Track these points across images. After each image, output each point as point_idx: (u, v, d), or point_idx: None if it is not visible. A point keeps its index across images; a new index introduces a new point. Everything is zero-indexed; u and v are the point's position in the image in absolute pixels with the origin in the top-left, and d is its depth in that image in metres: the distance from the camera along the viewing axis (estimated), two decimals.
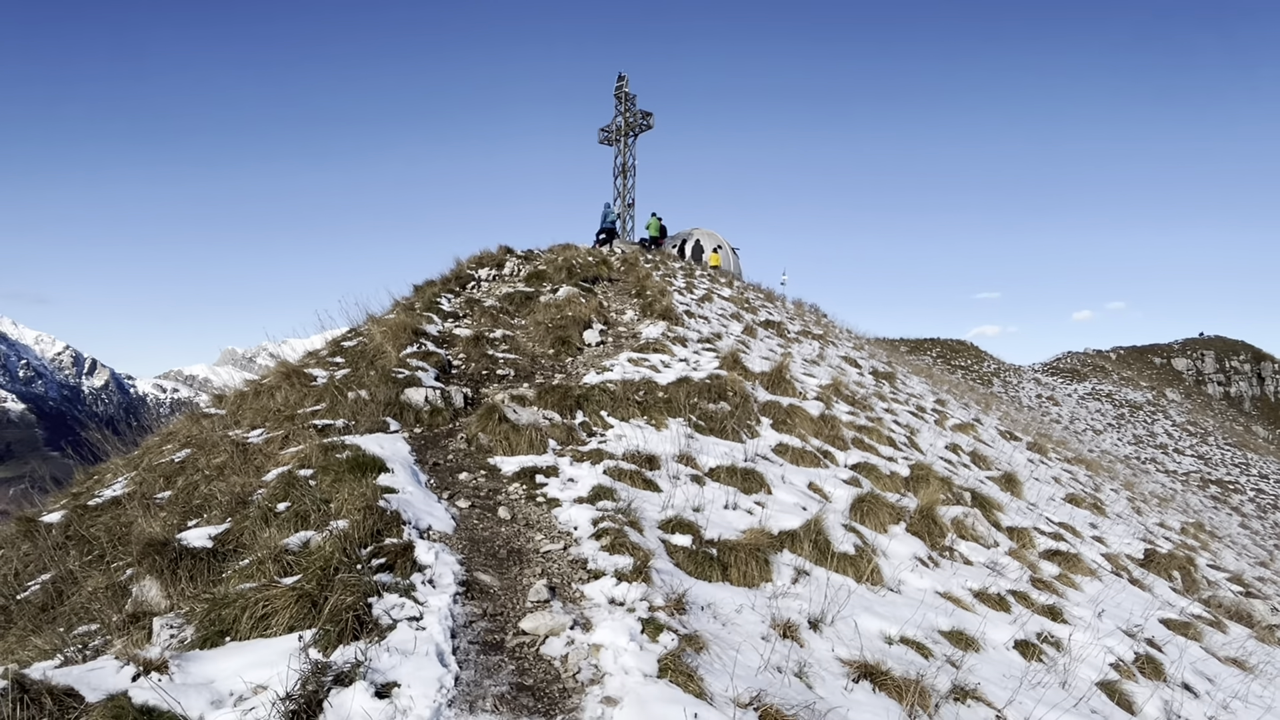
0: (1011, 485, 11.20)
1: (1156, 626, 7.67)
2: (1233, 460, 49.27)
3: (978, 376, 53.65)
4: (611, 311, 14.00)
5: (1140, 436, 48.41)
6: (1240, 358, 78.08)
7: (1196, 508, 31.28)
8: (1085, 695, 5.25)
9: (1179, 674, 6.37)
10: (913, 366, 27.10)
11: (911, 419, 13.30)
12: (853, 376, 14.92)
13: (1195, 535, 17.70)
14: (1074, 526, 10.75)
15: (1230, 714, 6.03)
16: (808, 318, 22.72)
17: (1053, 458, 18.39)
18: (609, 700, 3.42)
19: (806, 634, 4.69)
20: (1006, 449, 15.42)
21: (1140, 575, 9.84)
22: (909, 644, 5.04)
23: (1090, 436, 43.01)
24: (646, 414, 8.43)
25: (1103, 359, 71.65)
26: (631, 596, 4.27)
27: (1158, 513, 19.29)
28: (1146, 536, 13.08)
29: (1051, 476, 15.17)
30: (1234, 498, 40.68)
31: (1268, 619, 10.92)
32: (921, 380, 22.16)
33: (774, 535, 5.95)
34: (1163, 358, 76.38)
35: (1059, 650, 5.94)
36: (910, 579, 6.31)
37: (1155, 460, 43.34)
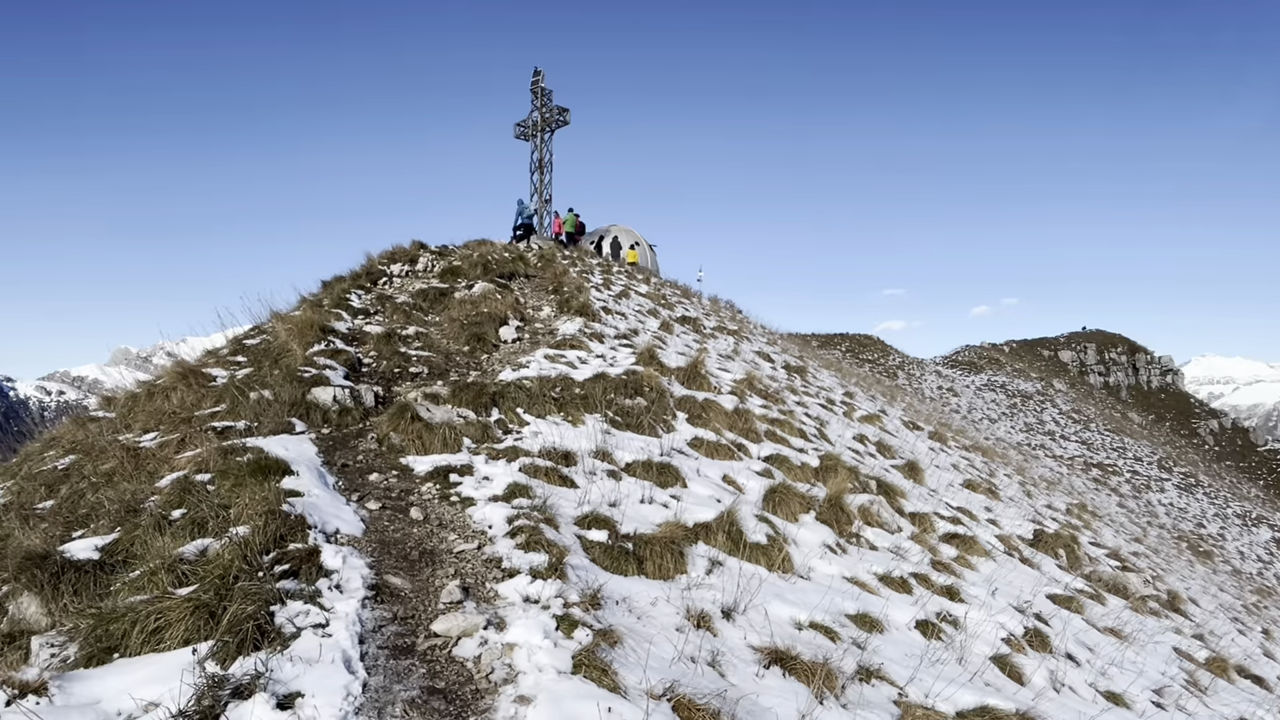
0: (914, 473, 11.68)
1: (1044, 602, 8.15)
2: (1111, 445, 52.94)
3: (884, 370, 55.76)
4: (528, 308, 13.86)
5: (1031, 424, 51.36)
6: (1118, 350, 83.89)
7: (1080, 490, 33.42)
8: (980, 669, 5.52)
9: (1063, 645, 6.79)
10: (823, 361, 27.92)
11: (822, 411, 13.69)
12: (766, 371, 15.25)
13: (1079, 515, 18.91)
14: (971, 510, 11.31)
15: (1108, 680, 6.47)
16: (723, 314, 23.08)
17: (952, 446, 19.29)
18: (522, 699, 3.38)
19: (720, 623, 4.77)
20: (910, 438, 16.08)
21: (1030, 554, 10.43)
22: (818, 629, 5.19)
23: (986, 425, 45.34)
24: (563, 410, 8.38)
25: (997, 352, 75.67)
26: (546, 594, 4.23)
27: (1046, 495, 20.52)
28: (1036, 518, 13.89)
29: (951, 464, 15.92)
30: (1112, 479, 43.72)
31: (1141, 591, 11.78)
32: (831, 374, 22.86)
33: (689, 528, 6.02)
34: (1050, 350, 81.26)
35: (956, 628, 6.23)
36: (819, 566, 6.49)
37: (1044, 446, 46.08)
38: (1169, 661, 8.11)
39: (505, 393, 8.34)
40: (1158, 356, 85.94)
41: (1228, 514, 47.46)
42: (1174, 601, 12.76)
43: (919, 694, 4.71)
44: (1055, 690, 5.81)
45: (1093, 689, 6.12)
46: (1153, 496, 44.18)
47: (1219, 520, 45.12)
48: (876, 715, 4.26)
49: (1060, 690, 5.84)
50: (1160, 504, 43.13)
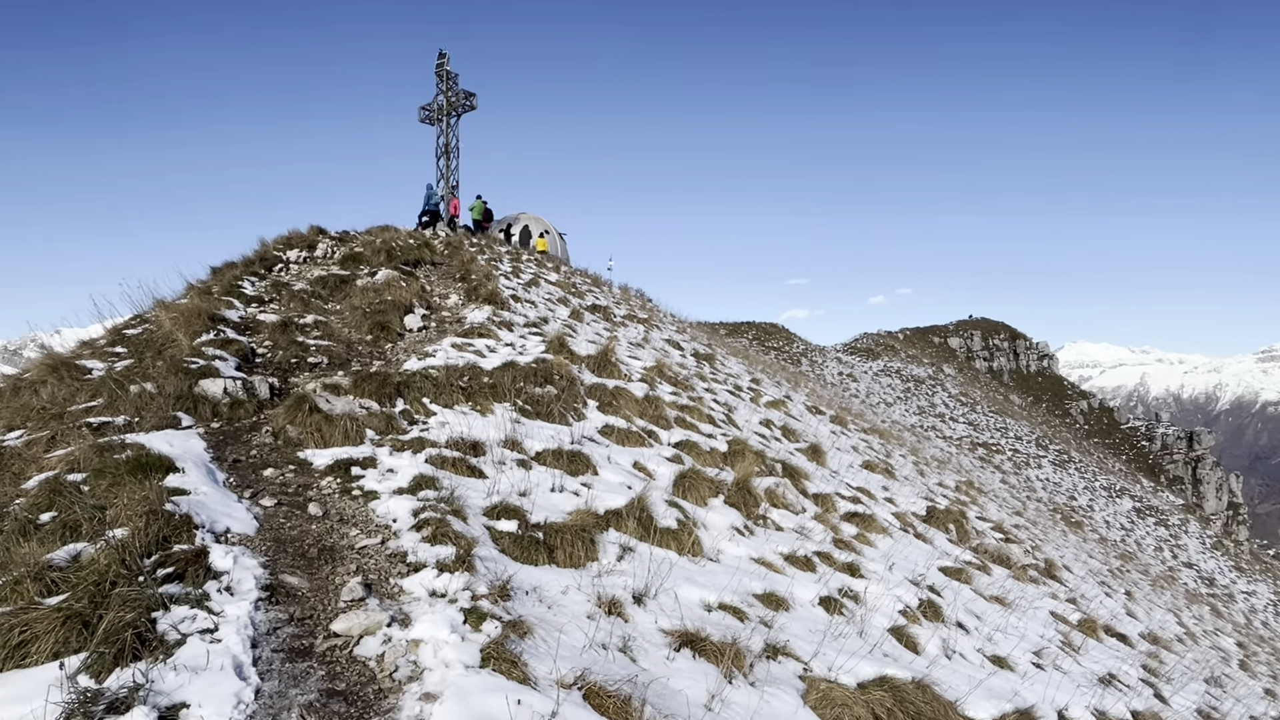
0: (817, 455, 12.05)
1: (936, 574, 8.56)
2: (995, 425, 56.29)
3: (788, 357, 57.36)
4: (435, 296, 13.46)
5: (923, 407, 54.00)
6: (1000, 336, 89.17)
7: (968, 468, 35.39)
8: (879, 641, 5.74)
9: (954, 614, 7.14)
10: (731, 348, 28.43)
11: (730, 397, 13.92)
12: (676, 358, 15.37)
13: (967, 492, 20.01)
14: (870, 490, 11.76)
15: (994, 645, 6.86)
16: (634, 302, 23.12)
17: (852, 429, 20.02)
18: (428, 696, 3.26)
19: (631, 609, 4.75)
20: (813, 422, 16.58)
21: (924, 530, 10.94)
22: (727, 609, 5.25)
23: (883, 409, 47.36)
24: (471, 400, 8.18)
25: (893, 339, 79.10)
26: (454, 587, 4.10)
27: (937, 474, 21.60)
28: (928, 495, 14.59)
29: (851, 446, 16.52)
30: (996, 457, 46.52)
31: (1022, 560, 12.56)
32: (739, 361, 23.30)
33: (600, 515, 5.98)
34: (941, 338, 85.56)
35: (857, 603, 6.45)
36: (728, 548, 6.59)
37: (935, 428, 48.53)
38: (1046, 625, 8.68)
39: (410, 382, 8.07)
40: (1035, 343, 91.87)
41: (1096, 487, 51.35)
42: (1050, 569, 13.68)
43: (823, 668, 4.84)
44: (947, 657, 6.09)
45: (980, 654, 6.46)
46: (1031, 473, 47.28)
47: (1088, 493, 48.76)
48: (783, 691, 4.35)
49: (952, 657, 6.13)
50: (1038, 479, 46.21)
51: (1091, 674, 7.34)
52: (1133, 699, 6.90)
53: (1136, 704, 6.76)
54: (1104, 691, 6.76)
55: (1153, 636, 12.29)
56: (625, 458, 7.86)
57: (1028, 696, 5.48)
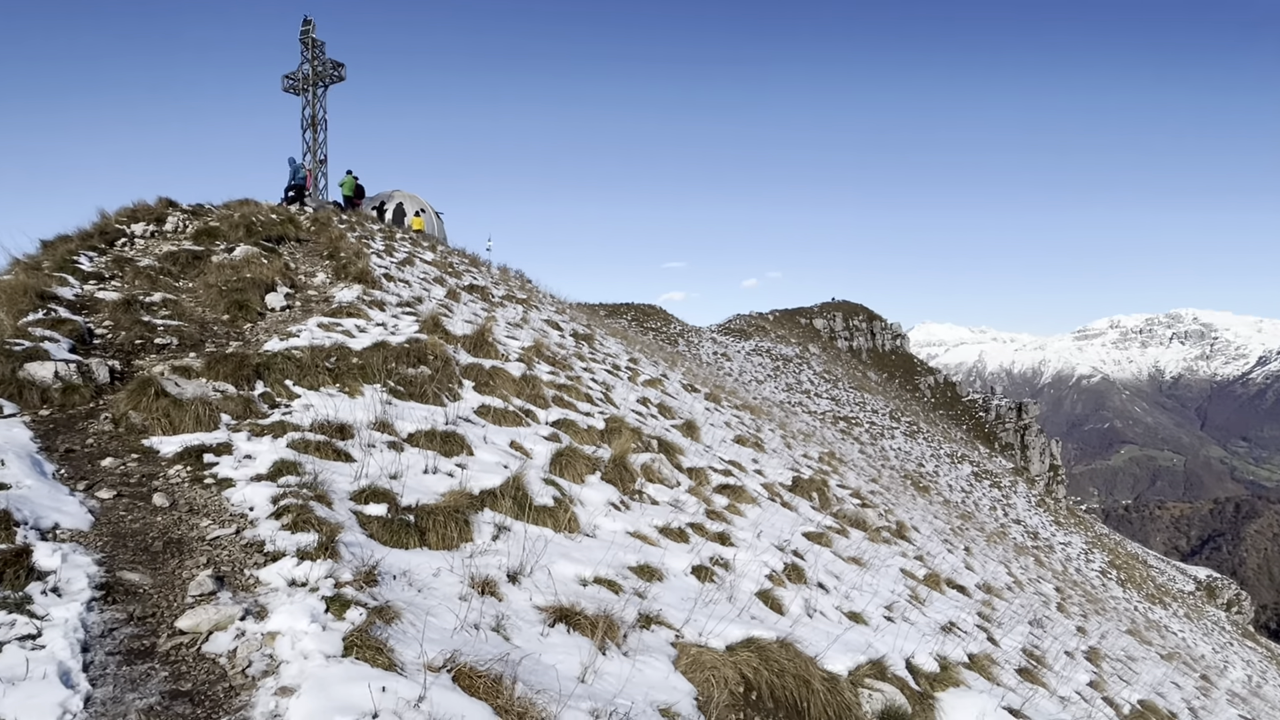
0: (691, 431, 12.30)
1: (800, 539, 8.96)
2: (854, 400, 59.67)
3: (665, 337, 58.30)
4: (300, 274, 12.64)
5: (790, 384, 56.44)
6: (860, 318, 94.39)
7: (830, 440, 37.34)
8: (747, 605, 5.92)
9: (815, 576, 7.50)
10: (610, 329, 28.53)
11: (608, 377, 13.94)
12: (554, 339, 15.22)
13: (829, 462, 21.10)
14: (740, 463, 12.14)
15: (850, 602, 7.25)
16: (512, 283, 22.70)
17: (725, 406, 20.61)
18: (285, 690, 3.05)
19: (505, 588, 4.66)
20: (688, 400, 16.92)
21: (790, 499, 11.43)
22: (602, 583, 5.25)
23: (754, 386, 49.12)
24: (339, 381, 7.74)
25: (763, 320, 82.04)
26: (315, 575, 3.86)
27: (802, 446, 22.64)
28: (794, 466, 15.26)
29: (724, 421, 17.00)
30: (855, 430, 49.36)
31: (876, 523, 13.39)
32: (617, 341, 23.41)
33: (475, 495, 5.82)
34: (807, 319, 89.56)
35: (727, 570, 6.63)
36: (604, 523, 6.59)
37: (802, 403, 50.87)
38: (897, 581, 9.29)
39: (272, 364, 7.53)
40: (890, 324, 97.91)
41: (940, 454, 55.56)
42: (901, 530, 14.67)
43: (694, 633, 4.94)
44: (809, 616, 6.39)
45: (839, 611, 6.82)
46: (886, 443, 50.52)
47: (934, 460, 52.69)
48: (655, 658, 4.39)
49: (813, 616, 6.43)
50: (891, 449, 49.44)
51: (935, 623, 7.92)
52: (969, 643, 7.50)
53: (973, 647, 7.36)
54: (945, 639, 7.31)
55: (987, 587, 13.46)
56: (502, 437, 7.69)
57: (880, 647, 5.83)
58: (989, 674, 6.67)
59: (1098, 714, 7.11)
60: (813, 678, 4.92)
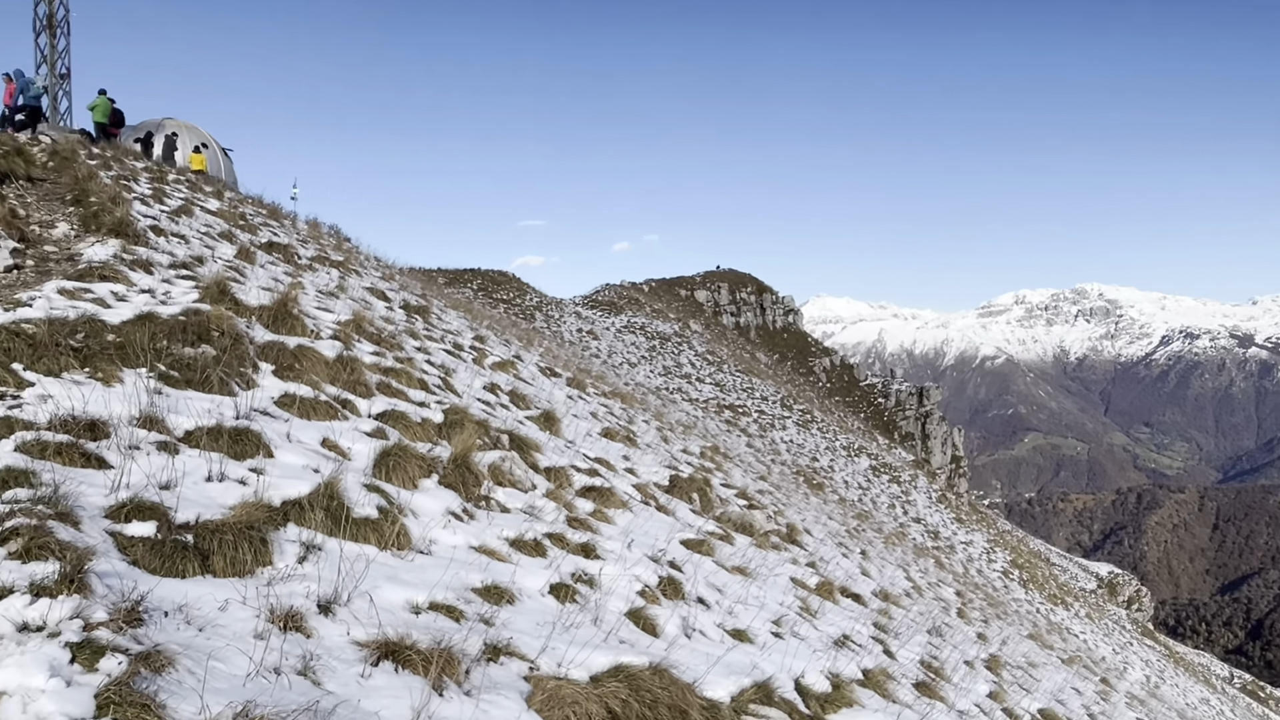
0: (550, 424, 12.32)
1: (678, 548, 9.23)
2: (742, 386, 61.84)
3: (520, 311, 57.91)
4: (33, 224, 11.52)
5: (669, 367, 57.68)
6: (748, 290, 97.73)
7: (714, 432, 38.61)
8: (615, 627, 6.04)
9: (695, 590, 7.75)
10: (451, 300, 28.00)
11: (448, 358, 13.70)
12: (380, 311, 14.76)
13: (712, 458, 21.80)
14: (609, 460, 12.32)
15: (734, 618, 7.56)
16: (326, 241, 21.75)
17: (591, 393, 20.79)
18: None
19: (316, 621, 4.50)
20: (547, 386, 16.94)
21: (666, 501, 11.72)
22: (439, 609, 5.19)
23: (626, 369, 49.81)
24: (89, 365, 7.14)
25: (637, 291, 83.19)
26: (56, 616, 3.56)
27: (682, 440, 23.27)
28: (672, 463, 15.66)
29: (590, 412, 17.16)
30: (742, 420, 51.23)
31: (765, 527, 14.01)
32: (460, 315, 23.02)
33: (276, 507, 5.57)
34: (688, 290, 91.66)
35: (592, 587, 6.73)
36: (443, 536, 6.51)
37: (681, 390, 52.14)
38: (786, 592, 9.77)
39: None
40: (782, 297, 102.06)
41: (836, 447, 58.72)
42: (792, 534, 15.43)
43: (551, 664, 4.98)
44: (687, 636, 6.60)
45: (721, 629, 7.09)
46: (776, 434, 52.76)
47: (829, 453, 55.62)
48: (505, 696, 4.40)
49: (692, 636, 6.65)
50: (782, 441, 51.71)
51: (828, 637, 8.41)
52: (864, 658, 8.02)
53: (867, 662, 7.88)
54: (838, 653, 7.78)
55: (884, 593, 14.42)
56: (312, 434, 7.40)
57: (766, 668, 6.11)
58: (885, 690, 7.17)
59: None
60: (690, 707, 5.10)
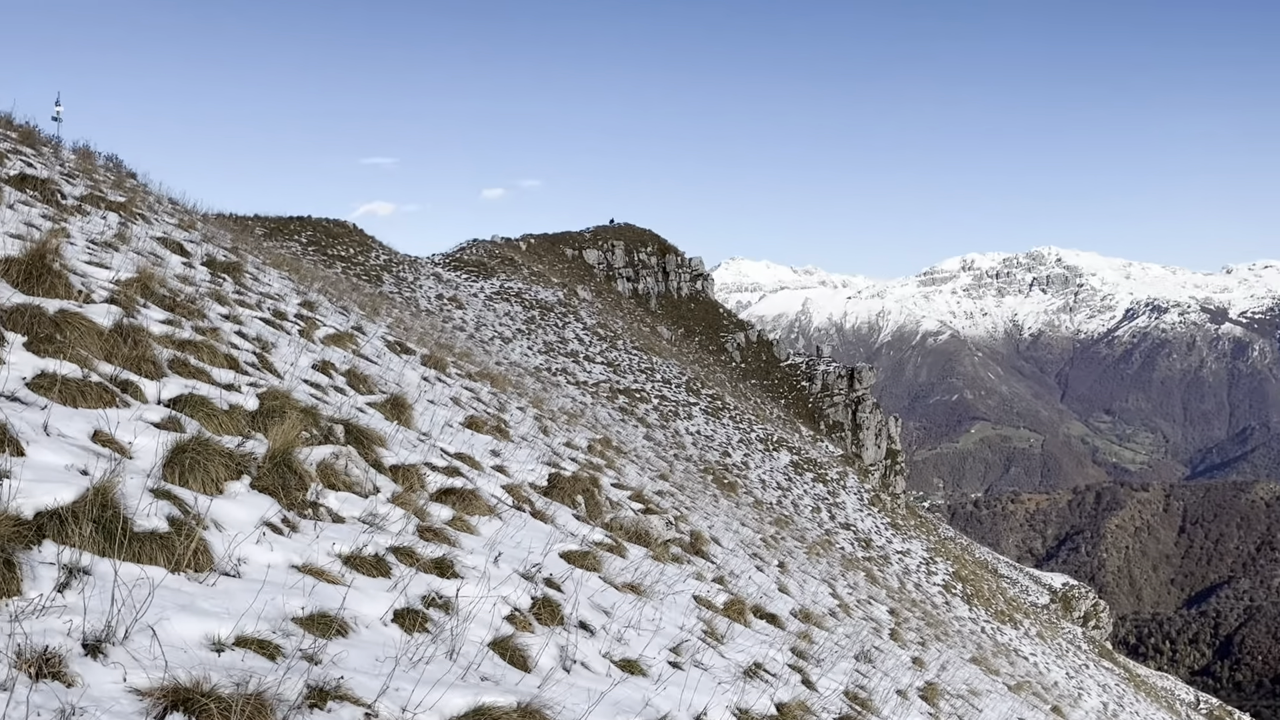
0: (400, 412, 12.09)
1: (557, 562, 9.23)
2: (640, 366, 62.29)
3: (364, 271, 56.69)
4: None
5: (551, 343, 57.56)
6: (647, 250, 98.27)
7: (605, 422, 38.80)
8: (476, 661, 5.99)
9: (576, 613, 7.76)
10: (273, 257, 27.13)
11: (266, 329, 13.27)
12: (176, 268, 14.14)
13: (602, 453, 21.90)
14: (474, 457, 12.20)
15: (624, 645, 7.61)
16: (101, 177, 20.65)
17: (453, 374, 20.53)
18: None
19: (80, 665, 4.27)
20: (396, 365, 16.61)
21: (544, 506, 11.70)
22: (248, 645, 5.02)
23: (499, 346, 49.46)
24: None
25: (513, 249, 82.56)
26: None
27: (566, 431, 23.28)
28: (552, 460, 15.63)
29: (451, 397, 16.94)
30: (640, 407, 51.64)
31: (664, 535, 14.15)
32: (284, 276, 22.33)
33: (27, 520, 5.25)
34: (575, 249, 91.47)
35: (448, 613, 6.65)
36: (256, 554, 6.31)
37: (566, 370, 52.14)
38: (688, 613, 9.90)
39: None
40: (689, 259, 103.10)
41: (751, 439, 59.92)
42: (697, 543, 15.66)
43: (395, 708, 4.90)
44: (566, 670, 6.60)
45: (607, 660, 7.11)
46: (681, 424, 53.43)
47: (743, 447, 56.71)
48: None
49: (571, 669, 6.65)
50: (688, 433, 52.42)
51: (737, 666, 8.56)
52: (779, 689, 8.21)
53: (783, 695, 8.07)
54: (748, 685, 7.94)
55: (805, 613, 14.81)
56: (79, 425, 7.03)
57: (661, 705, 6.17)
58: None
59: None
60: None
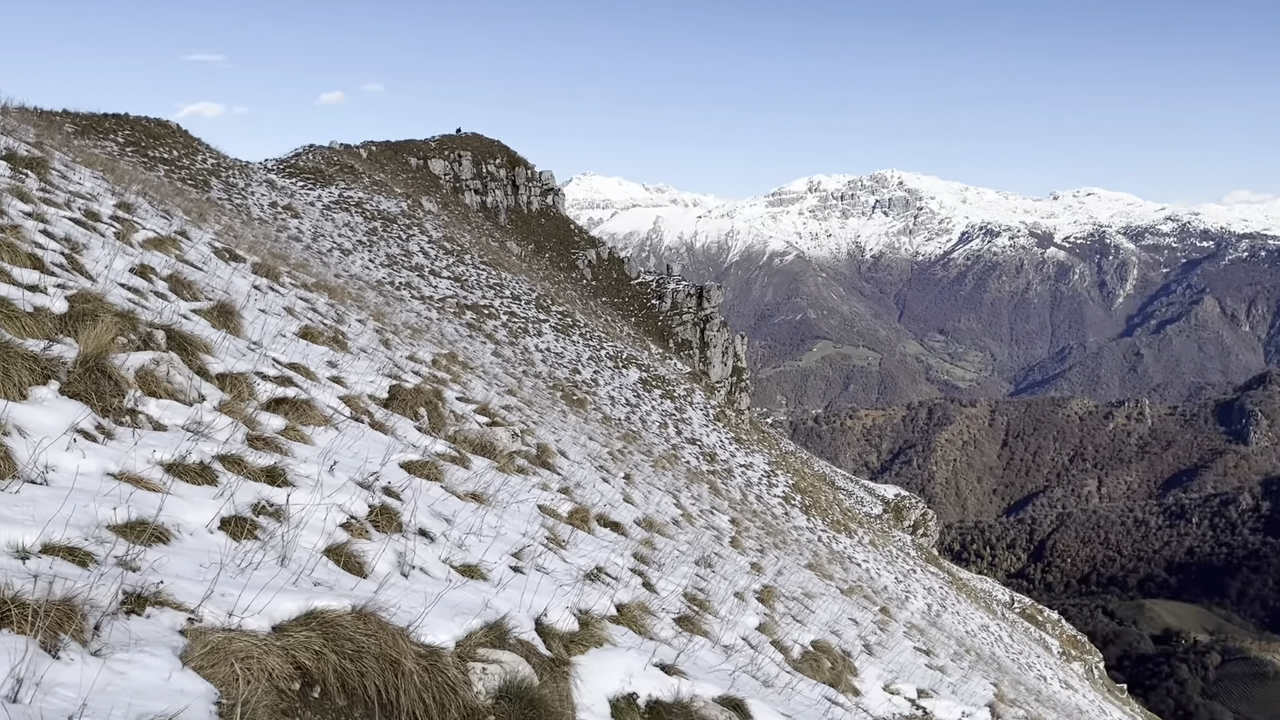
0: (228, 319, 11.61)
1: (397, 472, 9.12)
2: (488, 281, 61.56)
3: (189, 175, 53.71)
4: None
5: (395, 256, 56.18)
6: (496, 161, 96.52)
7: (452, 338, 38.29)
8: (309, 567, 5.88)
9: (416, 520, 7.71)
10: (85, 156, 25.38)
11: (76, 230, 12.46)
12: None
13: (447, 368, 21.65)
14: (308, 367, 11.86)
15: (465, 551, 7.62)
16: None
17: (287, 284, 19.82)
18: None
19: None
20: (225, 273, 15.89)
21: (384, 417, 11.52)
22: (57, 553, 4.79)
23: (338, 258, 47.93)
24: None
25: (353, 157, 79.68)
26: None
27: (410, 345, 22.89)
28: (394, 372, 15.36)
29: (284, 307, 16.36)
30: (489, 323, 51.18)
31: (509, 447, 14.17)
32: (98, 176, 20.95)
33: None
34: (420, 158, 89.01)
35: (280, 520, 6.50)
36: (66, 461, 6.00)
37: (411, 285, 51.06)
38: (532, 520, 9.98)
39: None
40: (539, 173, 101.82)
41: (601, 356, 60.30)
42: (544, 456, 15.76)
43: (220, 613, 4.77)
44: (404, 575, 6.57)
45: (447, 565, 7.12)
46: (530, 341, 53.26)
47: (594, 364, 57.04)
48: (151, 654, 4.16)
49: (409, 574, 6.63)
50: (538, 350, 52.32)
51: (579, 570, 8.70)
52: (620, 592, 8.40)
53: (624, 596, 8.25)
54: (590, 588, 8.08)
55: (648, 522, 15.15)
56: None
57: (500, 606, 6.22)
58: (641, 626, 7.56)
59: (764, 659, 8.51)
60: (403, 655, 5.08)
